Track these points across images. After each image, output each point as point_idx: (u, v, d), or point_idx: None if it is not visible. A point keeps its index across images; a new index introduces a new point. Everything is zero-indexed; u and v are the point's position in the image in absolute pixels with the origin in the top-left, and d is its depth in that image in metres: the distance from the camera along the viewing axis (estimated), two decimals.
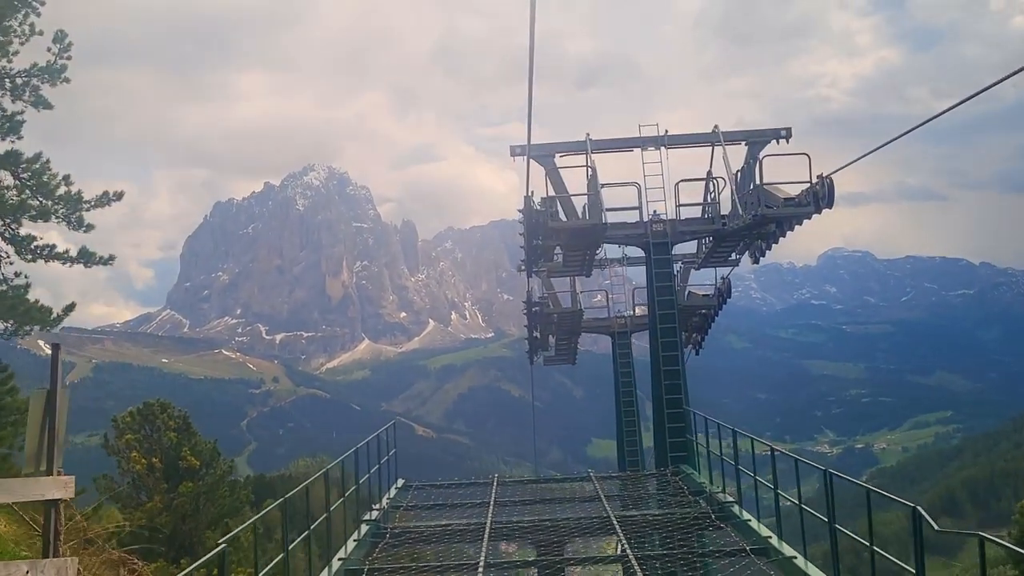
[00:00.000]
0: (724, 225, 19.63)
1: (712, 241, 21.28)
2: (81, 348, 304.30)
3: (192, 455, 24.29)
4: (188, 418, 26.39)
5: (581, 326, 28.05)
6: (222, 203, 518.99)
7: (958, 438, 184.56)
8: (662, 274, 19.78)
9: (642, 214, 19.73)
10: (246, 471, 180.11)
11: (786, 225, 18.57)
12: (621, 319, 28.06)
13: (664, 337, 19.34)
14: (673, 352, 19.35)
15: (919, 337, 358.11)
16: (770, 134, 20.06)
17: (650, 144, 20.48)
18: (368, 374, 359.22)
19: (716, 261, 23.12)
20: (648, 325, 20.56)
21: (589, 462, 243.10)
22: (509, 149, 19.61)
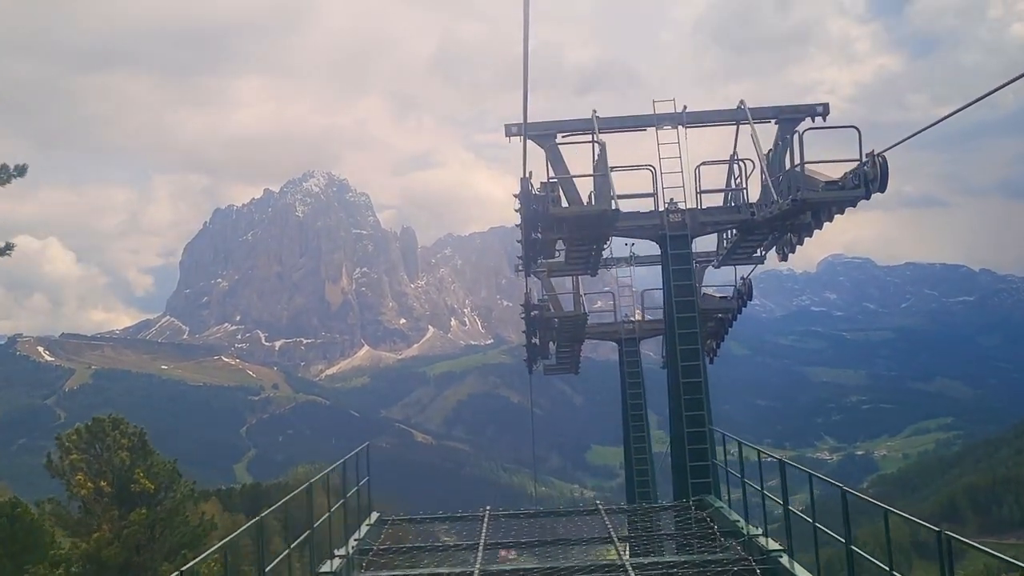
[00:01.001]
0: (753, 215, 17.13)
1: (737, 234, 18.77)
2: (80, 354, 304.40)
3: (147, 477, 21.64)
4: (144, 435, 23.74)
5: (585, 332, 25.52)
6: (222, 209, 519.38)
7: (959, 445, 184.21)
8: (681, 271, 17.12)
9: (657, 202, 17.13)
10: (245, 478, 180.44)
11: (824, 214, 16.20)
12: (629, 324, 25.69)
13: (684, 344, 16.78)
14: (694, 362, 16.79)
15: (919, 344, 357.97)
16: (804, 110, 17.29)
17: (666, 122, 17.63)
18: (367, 381, 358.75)
19: (739, 258, 20.68)
20: (664, 331, 18.56)
21: (589, 469, 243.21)
22: (504, 128, 16.74)
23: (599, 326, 26.25)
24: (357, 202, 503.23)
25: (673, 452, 16.83)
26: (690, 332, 16.90)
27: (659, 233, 17.29)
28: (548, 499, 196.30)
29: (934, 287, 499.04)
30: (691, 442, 16.26)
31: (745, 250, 19.83)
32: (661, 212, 17.15)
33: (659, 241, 17.48)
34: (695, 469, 16.17)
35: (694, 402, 16.54)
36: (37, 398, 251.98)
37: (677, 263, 17.13)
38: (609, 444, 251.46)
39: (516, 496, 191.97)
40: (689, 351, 16.84)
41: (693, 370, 16.70)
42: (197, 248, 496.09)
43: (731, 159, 17.97)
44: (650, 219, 17.25)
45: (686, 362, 16.70)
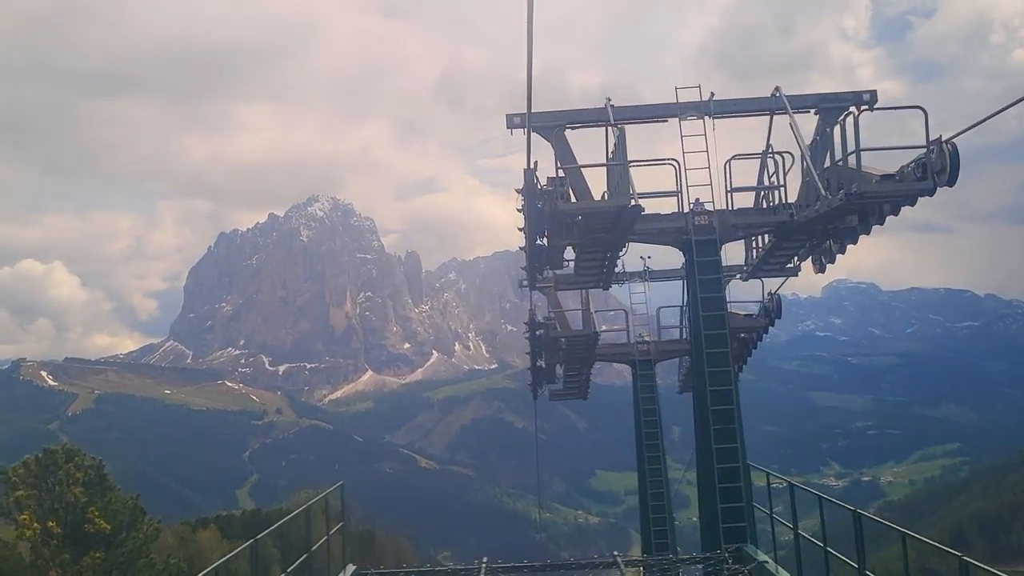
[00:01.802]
0: (792, 216, 14.99)
1: (771, 239, 16.34)
2: (84, 379, 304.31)
3: (103, 516, 19.42)
4: (102, 468, 21.41)
5: (595, 354, 23.31)
6: (226, 234, 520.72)
7: (965, 471, 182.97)
8: (708, 282, 14.96)
9: (681, 202, 14.85)
10: (248, 503, 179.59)
11: (874, 216, 14.12)
12: (643, 345, 23.47)
13: (713, 366, 14.65)
14: (725, 386, 14.59)
15: (925, 369, 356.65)
16: (849, 98, 14.94)
17: (690, 111, 15.32)
18: (371, 405, 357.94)
19: (771, 268, 18.19)
20: (686, 351, 16.34)
21: (593, 495, 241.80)
22: (505, 119, 14.58)
23: (611, 347, 24.22)
24: (361, 226, 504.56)
25: (702, 492, 14.76)
26: (720, 352, 14.81)
27: (683, 238, 15.20)
28: (552, 525, 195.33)
29: (939, 312, 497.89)
30: (723, 480, 14.16)
31: (779, 259, 17.51)
32: (685, 214, 15.03)
33: (683, 247, 15.41)
34: (728, 512, 14.06)
35: (725, 433, 14.37)
36: (40, 423, 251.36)
37: (704, 272, 15.03)
38: (614, 470, 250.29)
39: (520, 522, 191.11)
40: (719, 374, 14.74)
41: (724, 396, 14.58)
42: (201, 272, 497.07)
43: (765, 152, 15.75)
44: (673, 222, 15.16)
45: (716, 386, 14.60)
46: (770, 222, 15.61)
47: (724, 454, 14.32)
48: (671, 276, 22.79)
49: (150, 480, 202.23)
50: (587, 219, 13.75)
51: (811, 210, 14.25)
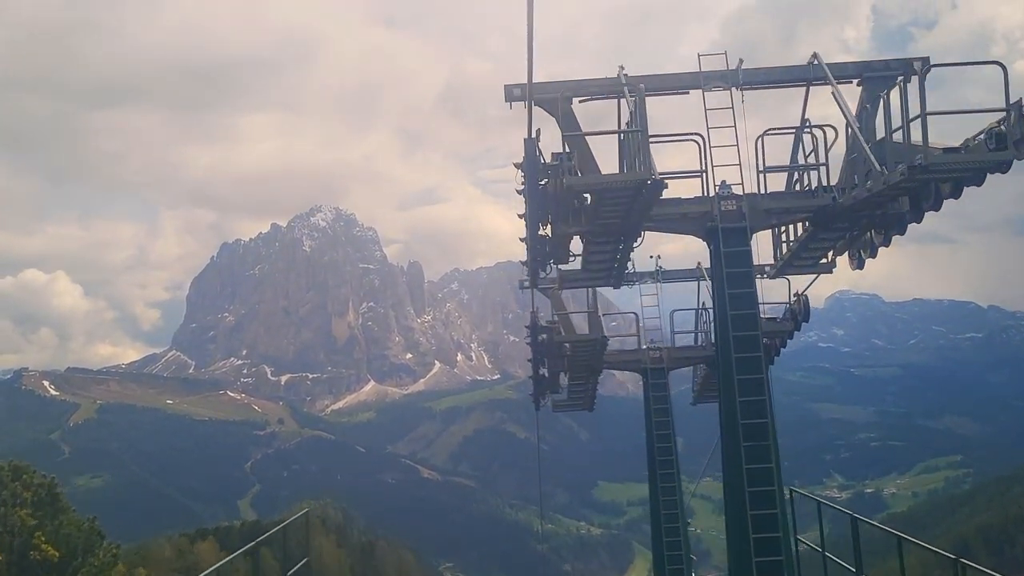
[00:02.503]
0: (835, 199, 13.10)
1: (807, 229, 14.36)
2: (86, 389, 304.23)
3: (52, 542, 16.91)
4: (55, 486, 18.06)
5: (603, 361, 21.45)
6: (229, 244, 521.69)
7: (969, 483, 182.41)
8: (737, 276, 13.00)
9: (706, 184, 13.07)
10: (249, 514, 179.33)
11: (927, 200, 12.26)
12: (656, 352, 21.69)
13: (743, 373, 12.74)
14: (757, 396, 12.71)
15: (928, 380, 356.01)
16: (898, 66, 12.92)
17: (716, 82, 13.43)
18: (373, 416, 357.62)
19: (804, 264, 16.02)
20: (713, 357, 14.25)
21: (596, 506, 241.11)
22: (504, 92, 12.83)
23: (620, 354, 22.49)
24: (364, 237, 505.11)
25: (731, 520, 12.88)
26: (751, 357, 12.85)
27: (707, 226, 13.25)
28: (554, 536, 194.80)
29: (942, 323, 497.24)
30: (756, 506, 12.23)
31: (813, 253, 15.49)
32: (711, 198, 13.16)
33: (707, 237, 13.45)
34: (762, 544, 12.12)
35: (758, 451, 12.39)
36: (42, 432, 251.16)
37: (733, 264, 13.08)
38: (616, 481, 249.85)
39: (522, 533, 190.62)
40: (750, 383, 12.71)
41: (756, 408, 12.56)
42: (204, 282, 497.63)
43: (801, 127, 13.78)
44: (696, 206, 13.25)
45: (747, 397, 12.63)
46: (808, 207, 13.56)
47: (757, 475, 12.39)
48: (685, 277, 21.74)
49: (151, 490, 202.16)
50: (599, 199, 12.04)
51: (860, 190, 12.34)
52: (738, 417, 12.52)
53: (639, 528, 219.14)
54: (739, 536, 12.45)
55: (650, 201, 11.98)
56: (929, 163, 10.78)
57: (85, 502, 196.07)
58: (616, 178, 11.65)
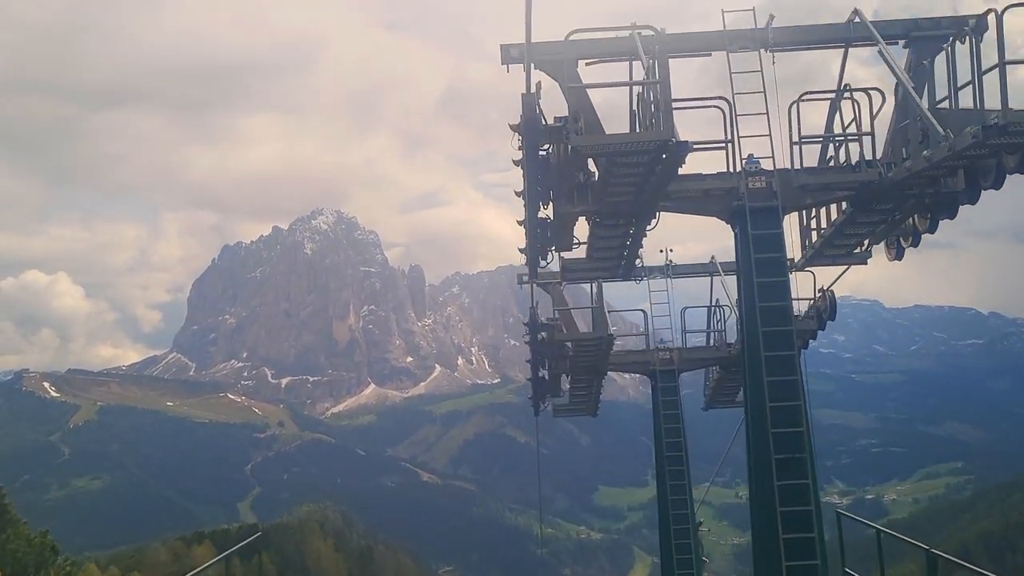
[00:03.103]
0: (882, 175, 11.27)
1: (845, 211, 12.58)
2: (86, 390, 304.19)
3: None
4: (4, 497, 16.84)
5: (609, 362, 19.75)
6: (230, 246, 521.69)
7: (970, 489, 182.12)
8: (768, 263, 11.39)
9: (731, 158, 11.51)
10: (249, 516, 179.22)
11: (986, 179, 10.80)
12: (666, 353, 20.10)
13: (775, 374, 11.17)
14: (792, 401, 11.10)
15: (929, 387, 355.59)
16: (950, 25, 11.03)
17: (742, 43, 11.64)
18: (373, 419, 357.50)
19: (835, 254, 14.37)
20: (742, 357, 12.29)
21: (596, 511, 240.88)
22: (501, 53, 10.85)
23: (626, 355, 21.10)
24: (365, 240, 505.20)
25: (759, 542, 11.34)
26: (784, 356, 11.29)
27: (733, 205, 11.67)
28: (554, 540, 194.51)
29: (943, 330, 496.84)
30: (790, 528, 10.55)
31: (848, 240, 13.78)
32: (736, 174, 11.60)
33: (732, 218, 11.84)
34: (796, 572, 10.54)
35: (793, 465, 10.83)
36: (42, 434, 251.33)
37: (762, 248, 11.39)
38: (616, 486, 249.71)
39: (522, 537, 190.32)
40: (783, 386, 11.13)
41: (790, 415, 11.01)
42: (205, 284, 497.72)
43: (840, 91, 12.01)
44: (721, 182, 11.69)
45: (779, 402, 11.03)
46: (850, 183, 11.69)
47: (791, 493, 10.73)
48: (697, 272, 20.44)
49: (151, 492, 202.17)
50: (610, 169, 10.38)
51: (916, 160, 10.53)
52: (768, 425, 10.89)
53: (639, 533, 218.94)
54: (769, 564, 10.83)
55: (672, 168, 10.08)
56: (1009, 122, 8.99)
57: (84, 504, 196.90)
58: (632, 138, 9.92)
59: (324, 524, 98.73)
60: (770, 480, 10.86)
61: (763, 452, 11.04)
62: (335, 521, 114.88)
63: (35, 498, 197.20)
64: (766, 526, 10.93)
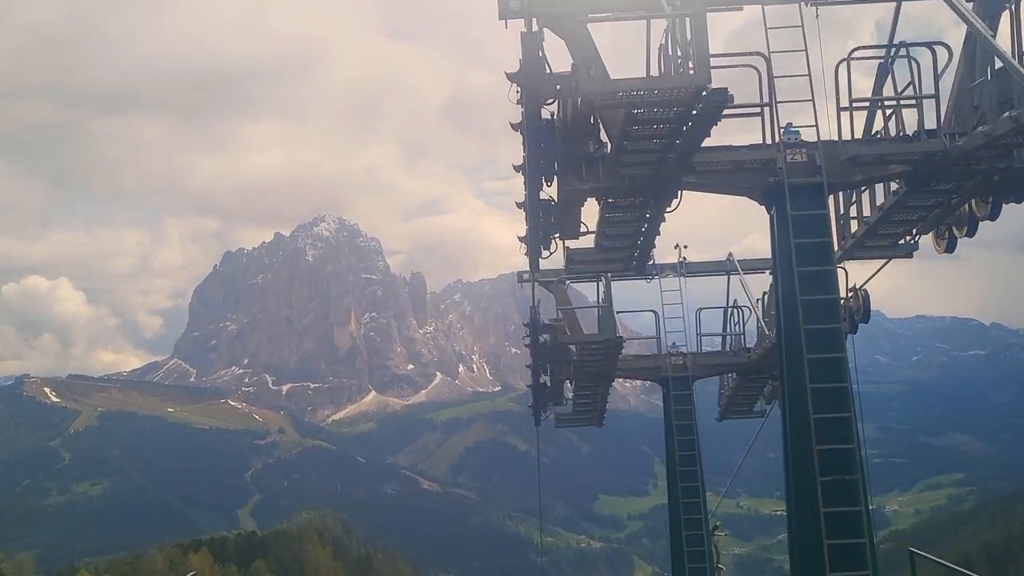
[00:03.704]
0: (946, 146, 9.61)
1: (899, 192, 10.85)
2: (87, 396, 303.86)
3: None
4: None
5: (617, 368, 18.10)
6: (232, 252, 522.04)
7: (971, 501, 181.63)
8: (811, 250, 9.82)
9: (766, 128, 10.03)
10: (249, 523, 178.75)
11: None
12: (679, 358, 18.57)
13: (820, 381, 9.57)
14: (840, 412, 9.56)
15: (931, 397, 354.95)
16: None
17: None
18: (374, 426, 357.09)
19: (879, 245, 12.70)
20: (778, 360, 10.69)
21: (596, 519, 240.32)
22: (499, 5, 8.85)
23: (636, 360, 19.46)
24: (367, 247, 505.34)
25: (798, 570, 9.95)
26: (831, 360, 9.78)
27: (769, 182, 10.06)
28: (554, 549, 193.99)
29: (945, 340, 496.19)
30: (839, 565, 9.04)
31: (897, 227, 12.13)
32: (772, 145, 10.06)
33: (768, 197, 10.21)
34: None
35: (843, 490, 9.29)
36: (42, 439, 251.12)
37: (805, 232, 9.78)
38: (617, 494, 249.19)
39: (522, 545, 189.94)
40: (830, 395, 9.60)
41: (839, 429, 9.50)
42: (206, 291, 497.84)
43: (891, 47, 10.22)
44: (755, 154, 10.07)
45: (826, 413, 9.46)
46: (910, 154, 9.93)
47: (841, 523, 9.19)
48: (713, 271, 19.07)
49: (151, 498, 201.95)
50: (627, 130, 8.63)
51: (1000, 123, 8.84)
52: (812, 441, 9.32)
53: (639, 542, 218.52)
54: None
55: (705, 125, 8.51)
56: None
57: (85, 509, 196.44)
58: (659, 83, 8.15)
59: (323, 532, 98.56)
60: (814, 507, 9.19)
61: (805, 474, 9.39)
62: (335, 528, 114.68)
63: (35, 503, 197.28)
64: (810, 561, 9.42)
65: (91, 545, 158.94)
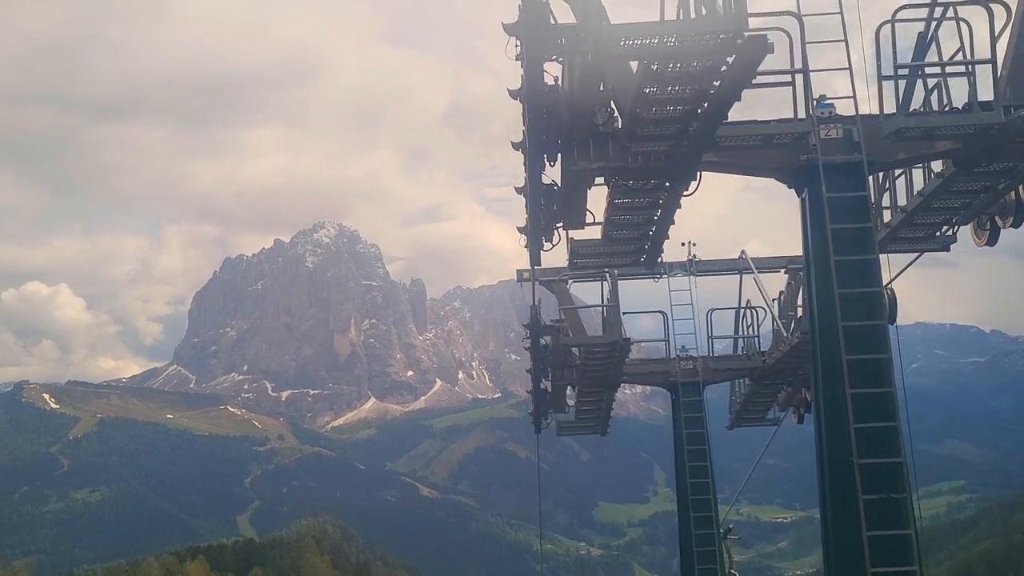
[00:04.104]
0: (1006, 118, 8.57)
1: (946, 173, 9.73)
2: (86, 402, 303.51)
3: None
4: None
5: (623, 372, 17.04)
6: (231, 259, 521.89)
7: (972, 508, 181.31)
8: (850, 237, 8.79)
9: (804, 91, 8.84)
10: (248, 530, 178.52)
11: None
12: (689, 363, 17.49)
13: (862, 385, 8.63)
14: (885, 422, 8.88)
15: (930, 405, 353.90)
16: None
17: None
18: (374, 433, 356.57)
19: (916, 235, 11.68)
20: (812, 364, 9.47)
21: (596, 526, 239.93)
22: None
23: (643, 364, 18.24)
24: (367, 253, 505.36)
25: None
26: (875, 361, 8.86)
27: (801, 161, 8.95)
28: (553, 556, 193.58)
29: (945, 347, 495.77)
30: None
31: (937, 216, 11.16)
32: (804, 119, 8.81)
33: (799, 179, 9.18)
34: None
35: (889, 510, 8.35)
36: (41, 445, 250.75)
37: (843, 216, 8.74)
38: (616, 502, 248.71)
39: (521, 553, 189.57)
40: (873, 401, 8.73)
41: (884, 441, 8.68)
42: (206, 297, 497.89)
43: (936, 3, 8.89)
44: (787, 128, 8.82)
45: (868, 422, 8.57)
46: (962, 127, 8.73)
47: (886, 548, 8.11)
48: (726, 269, 17.71)
49: (150, 505, 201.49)
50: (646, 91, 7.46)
51: None
52: (854, 453, 8.26)
53: (639, 549, 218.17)
54: None
55: (739, 83, 7.29)
56: None
57: (84, 516, 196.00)
58: (688, 28, 6.83)
59: (322, 539, 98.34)
60: (855, 530, 8.07)
61: (844, 491, 8.36)
62: (334, 535, 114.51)
63: (34, 510, 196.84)
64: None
65: (90, 552, 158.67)
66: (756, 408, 19.91)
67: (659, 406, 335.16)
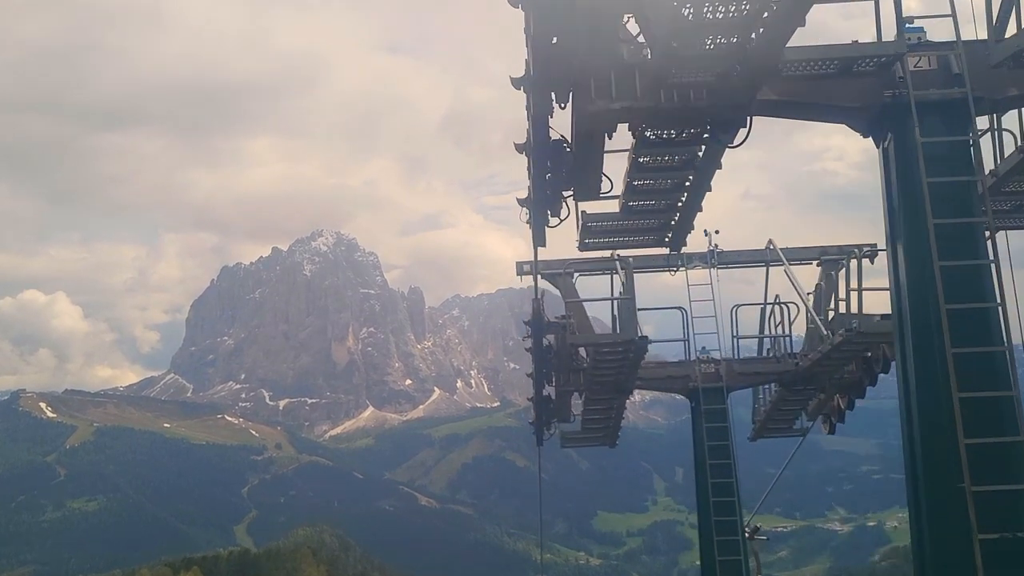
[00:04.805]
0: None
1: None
2: (83, 411, 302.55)
3: None
4: None
5: (637, 376, 15.31)
6: (229, 267, 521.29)
7: None
8: (950, 194, 7.10)
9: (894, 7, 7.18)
10: (245, 540, 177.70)
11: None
12: (711, 366, 15.52)
13: (971, 388, 6.69)
14: (1004, 436, 6.84)
15: None
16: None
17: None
18: (372, 442, 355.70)
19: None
20: (898, 360, 7.85)
21: (595, 536, 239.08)
22: None
23: (659, 368, 16.40)
24: (365, 262, 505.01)
25: None
26: (988, 356, 6.99)
27: (884, 99, 7.28)
28: (553, 566, 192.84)
29: None
30: None
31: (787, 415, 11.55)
32: (894, 41, 7.24)
33: (882, 123, 7.54)
34: None
35: (1012, 550, 6.68)
36: (38, 455, 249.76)
37: (941, 169, 7.02)
38: (616, 511, 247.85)
39: (520, 562, 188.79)
40: (985, 405, 6.81)
41: (1004, 457, 6.82)
42: (204, 305, 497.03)
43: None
44: (873, 51, 7.18)
45: (979, 437, 6.71)
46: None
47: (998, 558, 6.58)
48: (752, 261, 15.64)
49: (147, 514, 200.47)
50: None
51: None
52: (967, 479, 6.57)
53: (638, 559, 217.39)
54: None
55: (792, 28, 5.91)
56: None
57: (80, 525, 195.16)
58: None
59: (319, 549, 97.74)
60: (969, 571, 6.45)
61: (951, 520, 6.84)
62: (331, 545, 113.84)
63: (30, 519, 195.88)
64: None
65: (86, 562, 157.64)
66: (783, 417, 17.98)
67: (658, 415, 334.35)
